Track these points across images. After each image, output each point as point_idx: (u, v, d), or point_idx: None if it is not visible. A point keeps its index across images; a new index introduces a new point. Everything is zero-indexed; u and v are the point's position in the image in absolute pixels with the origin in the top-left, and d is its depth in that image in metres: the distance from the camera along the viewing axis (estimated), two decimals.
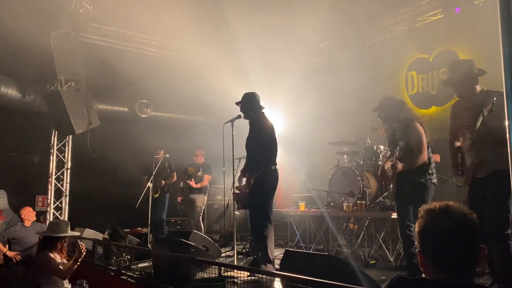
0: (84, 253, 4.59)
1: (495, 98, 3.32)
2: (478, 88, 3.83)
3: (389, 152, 4.92)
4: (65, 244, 4.69)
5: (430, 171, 4.46)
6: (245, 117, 5.33)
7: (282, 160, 9.18)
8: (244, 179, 5.42)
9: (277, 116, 9.42)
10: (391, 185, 4.67)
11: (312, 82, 9.40)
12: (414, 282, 1.46)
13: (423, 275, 1.69)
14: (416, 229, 1.53)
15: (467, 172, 3.80)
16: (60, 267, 4.43)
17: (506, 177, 3.43)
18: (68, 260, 4.57)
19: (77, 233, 5.10)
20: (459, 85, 3.88)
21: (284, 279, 3.02)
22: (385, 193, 6.40)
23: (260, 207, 5.05)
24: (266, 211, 5.04)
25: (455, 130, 4.06)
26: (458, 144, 4.00)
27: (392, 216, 5.64)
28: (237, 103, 5.35)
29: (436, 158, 5.28)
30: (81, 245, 4.58)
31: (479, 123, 3.48)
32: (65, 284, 4.52)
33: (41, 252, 4.50)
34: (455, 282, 1.40)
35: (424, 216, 1.50)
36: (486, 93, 3.71)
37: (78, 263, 4.48)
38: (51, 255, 4.45)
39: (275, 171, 5.16)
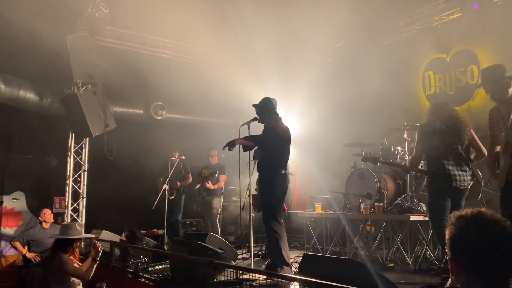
0: (101, 251, 4.55)
1: None
2: (510, 91, 3.88)
3: None
4: (77, 247, 4.63)
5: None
6: (260, 121, 5.30)
7: (298, 161, 9.20)
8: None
9: (292, 118, 9.39)
10: None
11: (328, 83, 9.34)
12: None
13: (449, 281, 1.64)
14: (447, 236, 1.48)
15: (500, 174, 3.74)
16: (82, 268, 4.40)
17: None
18: (81, 262, 4.54)
19: (91, 235, 5.03)
20: (491, 90, 3.98)
21: (303, 284, 2.99)
22: (403, 195, 6.32)
23: (269, 209, 5.03)
24: (275, 213, 5.01)
25: (493, 134, 4.09)
26: (497, 148, 4.01)
27: (411, 219, 5.57)
28: (254, 106, 5.33)
29: None
30: (97, 244, 4.53)
31: (510, 122, 3.48)
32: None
33: (57, 255, 4.43)
34: None
35: (455, 223, 1.46)
36: None
37: (97, 263, 4.44)
38: (68, 257, 4.41)
39: (285, 174, 5.12)
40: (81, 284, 4.51)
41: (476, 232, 1.40)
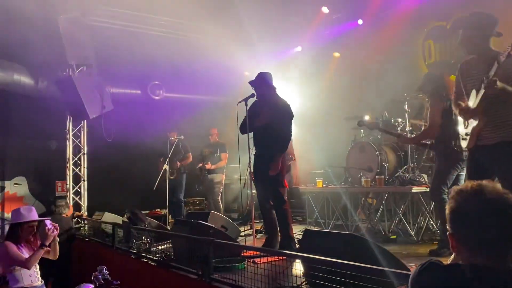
0: (52, 234, 4.18)
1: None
2: (488, 43, 3.57)
3: None
4: (29, 232, 4.26)
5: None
6: (261, 96, 5.21)
7: (298, 137, 9.13)
8: None
9: (291, 92, 9.28)
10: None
11: (326, 55, 9.20)
12: (447, 268, 1.37)
13: (451, 257, 1.60)
14: (447, 211, 1.43)
15: (472, 133, 3.57)
16: (24, 255, 4.09)
17: None
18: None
19: (35, 218, 4.29)
20: (470, 37, 3.60)
21: (303, 260, 2.98)
22: (404, 167, 6.28)
23: (281, 186, 5.11)
24: (285, 189, 5.18)
25: (460, 92, 3.79)
26: (463, 104, 3.69)
27: (413, 190, 5.54)
28: (251, 83, 5.24)
29: None
30: (48, 227, 4.16)
31: (493, 72, 3.24)
32: (34, 280, 4.16)
33: (1, 244, 4.19)
34: (491, 267, 1.31)
35: (455, 196, 1.40)
36: (497, 54, 3.45)
37: (44, 248, 4.12)
38: (9, 244, 4.08)
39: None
40: (37, 268, 4.25)
41: (478, 205, 1.34)
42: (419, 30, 8.07)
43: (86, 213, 8.41)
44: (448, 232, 1.42)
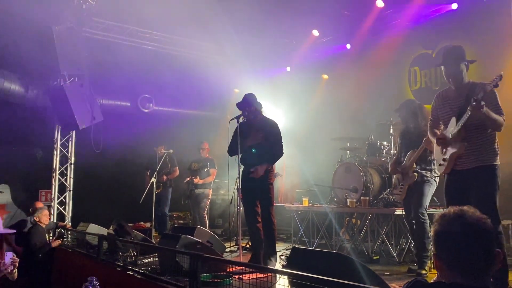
0: (4, 272, 3.39)
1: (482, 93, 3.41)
2: (466, 77, 3.81)
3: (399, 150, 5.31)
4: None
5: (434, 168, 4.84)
6: (249, 117, 5.30)
7: (285, 155, 9.27)
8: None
9: (280, 111, 9.44)
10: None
11: (315, 77, 9.40)
12: (431, 286, 1.49)
13: (435, 276, 1.73)
14: (431, 233, 1.56)
15: (450, 159, 3.74)
16: None
17: (491, 173, 3.51)
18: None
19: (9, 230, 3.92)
20: (449, 67, 3.81)
21: (292, 277, 3.05)
22: (388, 189, 6.43)
23: (270, 202, 5.24)
24: (273, 205, 5.33)
25: (436, 119, 4.04)
26: (439, 133, 3.96)
27: (396, 212, 5.68)
28: (239, 105, 5.33)
29: None
30: (4, 262, 3.42)
31: (480, 96, 3.43)
32: None
33: None
34: (470, 285, 1.43)
35: (439, 220, 1.54)
36: (473, 84, 3.72)
37: None
38: None
39: None
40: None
41: (459, 228, 1.49)
42: (405, 57, 8.34)
43: (70, 224, 8.34)
44: (432, 253, 1.55)
